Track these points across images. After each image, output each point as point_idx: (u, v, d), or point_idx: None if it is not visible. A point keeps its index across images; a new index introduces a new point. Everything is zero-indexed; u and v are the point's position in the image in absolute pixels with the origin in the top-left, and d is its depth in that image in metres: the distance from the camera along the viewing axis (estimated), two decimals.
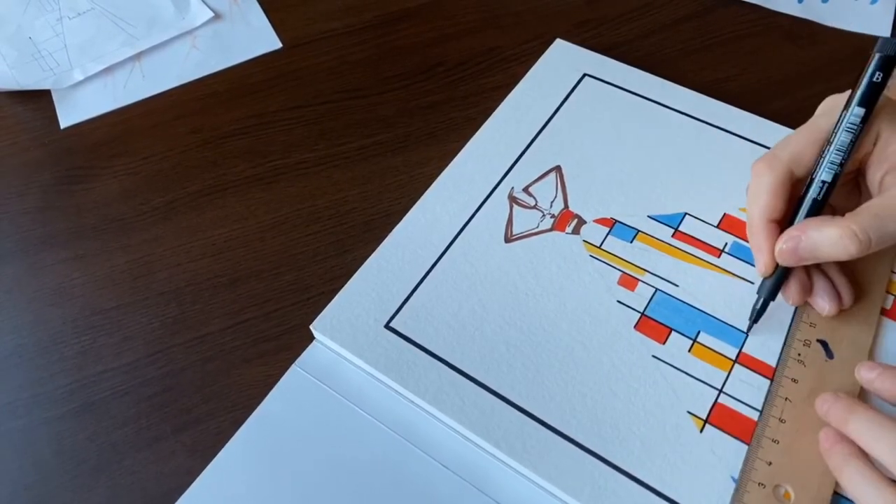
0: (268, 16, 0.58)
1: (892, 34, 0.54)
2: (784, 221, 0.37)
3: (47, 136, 0.52)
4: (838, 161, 0.36)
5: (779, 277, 0.37)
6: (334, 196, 0.47)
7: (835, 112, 0.37)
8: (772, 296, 0.38)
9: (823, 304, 0.38)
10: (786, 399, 0.36)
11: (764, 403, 0.36)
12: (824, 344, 0.37)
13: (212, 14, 0.58)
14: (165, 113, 0.53)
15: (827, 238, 0.35)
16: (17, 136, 0.52)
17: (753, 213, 0.38)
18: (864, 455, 0.33)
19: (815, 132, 0.37)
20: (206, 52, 0.56)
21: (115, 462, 0.38)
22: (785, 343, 0.38)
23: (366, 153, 0.49)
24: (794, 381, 0.36)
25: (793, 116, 0.47)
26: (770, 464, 0.34)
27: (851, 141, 0.36)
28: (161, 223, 0.47)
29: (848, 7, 0.55)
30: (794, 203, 0.37)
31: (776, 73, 0.52)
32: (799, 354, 0.37)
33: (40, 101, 0.54)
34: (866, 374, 0.35)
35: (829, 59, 0.53)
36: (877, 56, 0.35)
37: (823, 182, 0.36)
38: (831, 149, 0.36)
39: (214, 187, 0.48)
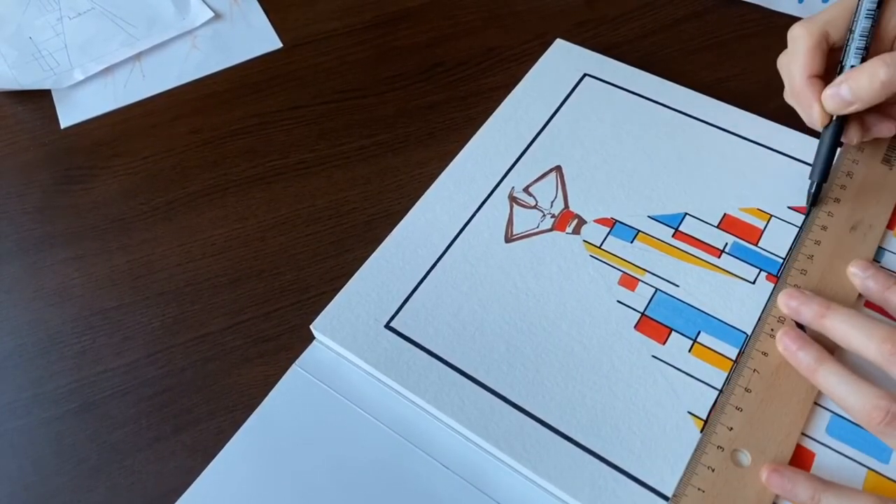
0: (268, 16, 0.58)
1: None
2: (825, 80, 0.40)
3: (47, 135, 0.52)
4: (863, 46, 0.39)
5: (832, 140, 0.40)
6: (334, 196, 0.47)
7: None
8: (824, 177, 0.41)
9: (881, 127, 0.41)
10: (754, 370, 0.36)
11: (731, 372, 0.37)
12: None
13: (212, 14, 0.58)
14: (165, 113, 0.53)
15: (863, 72, 0.37)
16: (17, 136, 0.52)
17: (794, 73, 0.40)
18: (832, 357, 0.34)
19: (851, 0, 0.40)
20: (206, 52, 0.56)
21: (115, 462, 0.38)
22: (759, 318, 0.39)
23: (366, 153, 0.49)
24: (765, 354, 0.37)
25: (793, 116, 0.47)
26: (731, 429, 0.35)
27: (872, 25, 0.39)
28: (161, 223, 0.47)
29: None
30: (829, 72, 0.40)
31: (776, 73, 0.52)
32: (772, 329, 0.37)
33: (40, 100, 0.54)
34: (857, 272, 0.37)
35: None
36: None
37: (851, 66, 0.39)
38: (854, 35, 0.39)
39: (214, 187, 0.48)
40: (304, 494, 0.36)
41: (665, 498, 0.34)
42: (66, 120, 0.53)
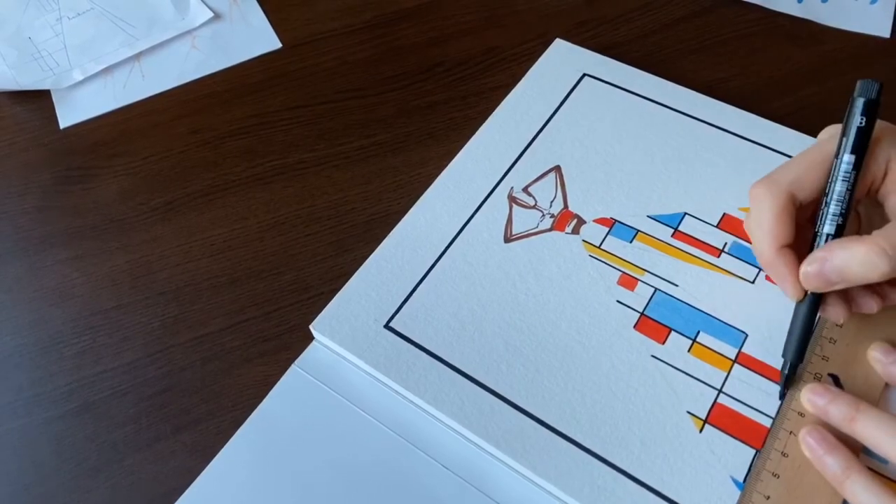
0: (267, 16, 0.58)
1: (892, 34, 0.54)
2: (795, 246, 0.35)
3: (47, 136, 0.52)
4: (839, 212, 0.34)
5: (807, 317, 0.35)
6: (334, 196, 0.47)
7: (834, 139, 0.35)
8: (799, 357, 0.35)
9: (869, 301, 0.35)
10: (790, 433, 0.35)
11: (767, 436, 0.35)
12: (835, 378, 0.36)
13: (211, 14, 0.58)
14: (165, 113, 0.53)
15: (855, 256, 0.32)
16: (17, 136, 0.52)
17: (762, 244, 0.35)
18: (862, 464, 0.32)
19: (815, 154, 0.35)
20: (205, 52, 0.56)
21: (115, 462, 0.38)
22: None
23: (365, 153, 0.49)
24: (801, 414, 0.35)
25: (793, 116, 0.47)
26: (768, 498, 0.33)
27: (849, 189, 0.34)
28: (161, 223, 0.47)
29: (847, 7, 0.55)
30: (801, 228, 0.35)
31: (776, 73, 0.52)
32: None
33: (40, 101, 0.54)
34: (879, 357, 0.35)
35: (829, 59, 0.53)
36: (859, 101, 0.33)
37: (828, 235, 0.34)
38: (830, 200, 0.34)
39: (214, 187, 0.48)
40: (304, 495, 0.36)
41: (664, 498, 0.34)
42: (65, 120, 0.53)
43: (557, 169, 0.46)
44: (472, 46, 0.55)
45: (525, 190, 0.45)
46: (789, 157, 0.45)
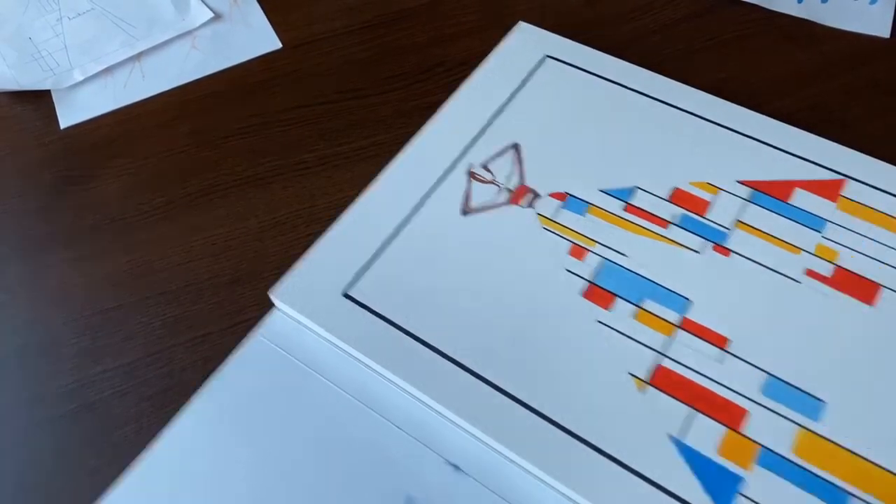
0: (268, 16, 0.58)
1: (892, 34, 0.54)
2: None
3: (47, 136, 0.52)
4: None
5: None
6: (334, 196, 0.47)
7: None
8: None
9: None
10: None
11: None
12: None
13: (212, 14, 0.58)
14: (165, 113, 0.53)
15: None
16: (17, 136, 0.52)
17: None
18: None
19: None
20: (206, 52, 0.56)
21: (115, 462, 0.38)
22: None
23: (365, 153, 0.49)
24: None
25: (793, 116, 0.47)
26: None
27: None
28: (161, 223, 0.47)
29: (847, 7, 0.55)
30: None
31: (776, 73, 0.52)
32: None
33: (40, 101, 0.54)
34: None
35: (829, 59, 0.53)
36: None
37: None
38: None
39: (214, 187, 0.48)
40: (264, 457, 0.37)
41: (601, 452, 0.35)
42: (65, 120, 0.53)
43: (516, 146, 0.47)
44: (472, 46, 0.55)
45: (484, 166, 0.46)
46: (741, 133, 0.47)
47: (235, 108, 0.53)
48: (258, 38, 0.57)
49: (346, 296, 0.41)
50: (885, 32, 0.54)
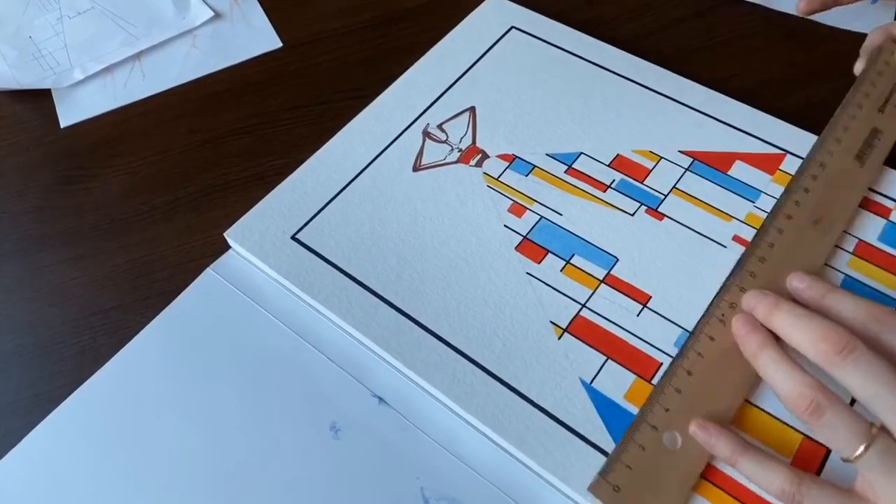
0: (268, 15, 0.58)
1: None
2: None
3: (47, 135, 0.52)
4: None
5: None
6: None
7: None
8: None
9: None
10: (699, 354, 0.37)
11: (677, 353, 0.38)
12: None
13: (212, 13, 0.58)
14: (165, 113, 0.53)
15: None
16: (17, 136, 0.52)
17: None
18: (777, 344, 0.35)
19: None
20: (206, 51, 0.56)
21: None
22: (712, 302, 0.40)
23: None
24: (711, 338, 0.38)
25: (793, 116, 0.47)
26: (668, 410, 0.36)
27: None
28: (161, 223, 0.47)
29: (848, 7, 0.55)
30: None
31: (776, 73, 0.52)
32: (722, 315, 0.38)
33: (40, 100, 0.54)
34: (797, 284, 0.38)
35: (829, 58, 0.53)
36: None
37: None
38: None
39: (214, 187, 0.48)
40: (204, 382, 0.39)
41: (516, 392, 0.37)
42: (65, 119, 0.53)
43: (472, 110, 0.49)
44: None
45: (439, 126, 0.48)
46: (689, 107, 0.48)
47: (236, 108, 0.53)
48: (258, 37, 0.57)
49: (295, 239, 0.43)
50: None
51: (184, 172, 0.49)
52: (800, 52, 0.53)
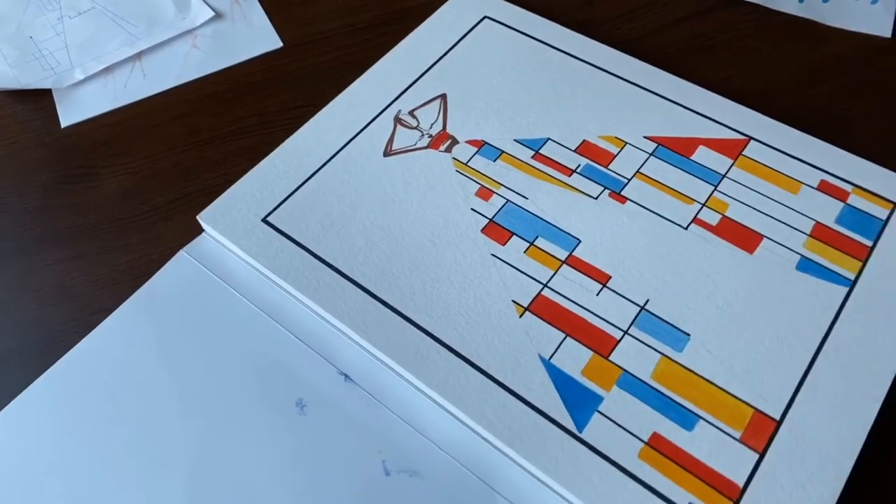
0: (269, 15, 0.58)
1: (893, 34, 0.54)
2: None
3: (48, 135, 0.52)
4: None
5: None
6: None
7: None
8: None
9: None
10: None
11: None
12: None
13: (212, 13, 0.58)
14: (165, 113, 0.53)
15: None
16: (18, 136, 0.52)
17: None
18: None
19: None
20: (206, 51, 0.56)
21: None
22: None
23: None
24: None
25: (794, 116, 0.47)
26: None
27: None
28: (161, 223, 0.47)
29: (848, 6, 0.55)
30: None
31: (776, 73, 0.52)
32: None
33: (41, 100, 0.54)
34: None
35: (830, 59, 0.53)
36: None
37: None
38: None
39: (214, 187, 0.48)
40: (177, 361, 0.40)
41: (477, 368, 0.38)
42: (66, 119, 0.53)
43: (443, 97, 0.50)
44: None
45: (411, 113, 0.49)
46: (657, 94, 0.49)
47: (236, 108, 0.53)
48: (259, 37, 0.57)
49: (266, 221, 0.44)
50: (887, 32, 0.54)
51: (184, 172, 0.49)
52: (800, 52, 0.53)
